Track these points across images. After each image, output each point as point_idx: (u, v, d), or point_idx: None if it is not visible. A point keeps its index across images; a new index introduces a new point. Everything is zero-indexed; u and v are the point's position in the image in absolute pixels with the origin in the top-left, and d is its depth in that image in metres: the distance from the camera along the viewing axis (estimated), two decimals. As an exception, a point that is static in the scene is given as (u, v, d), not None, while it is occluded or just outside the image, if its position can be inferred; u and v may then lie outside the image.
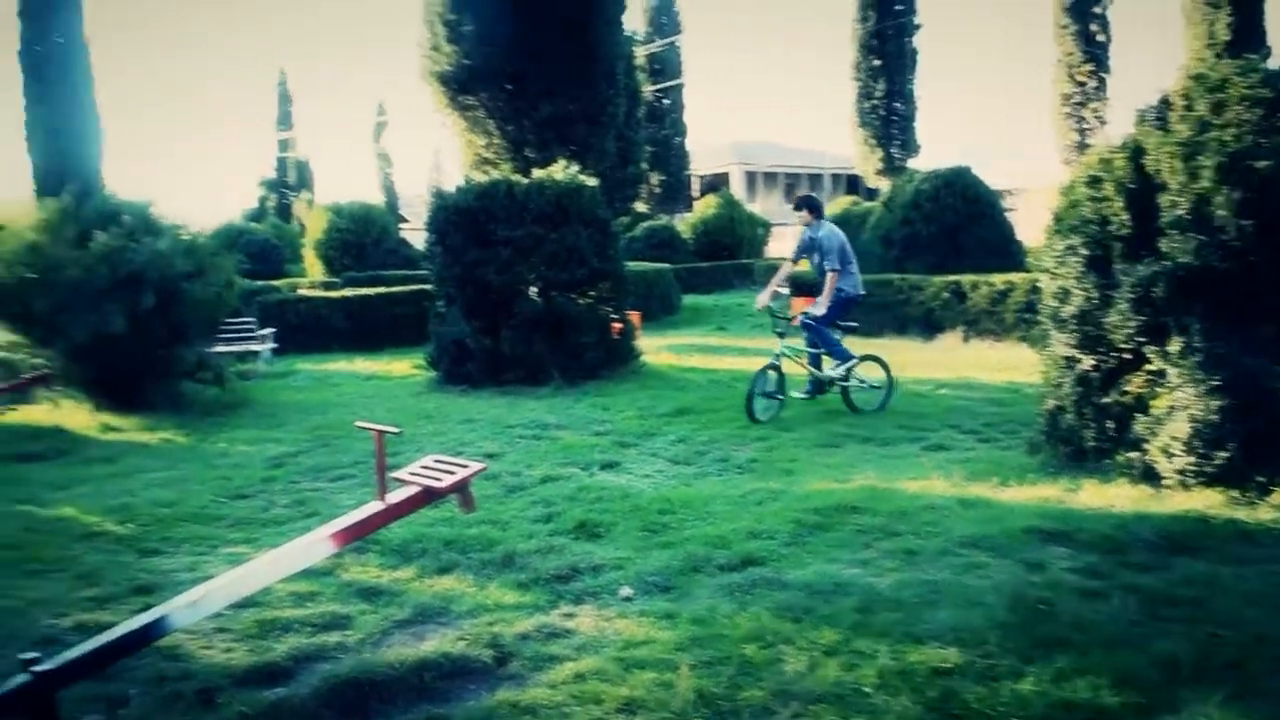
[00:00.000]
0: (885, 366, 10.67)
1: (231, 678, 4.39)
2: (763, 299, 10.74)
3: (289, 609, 5.19)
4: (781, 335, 10.41)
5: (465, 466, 4.88)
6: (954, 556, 5.42)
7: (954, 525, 5.94)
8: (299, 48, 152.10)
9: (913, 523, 6.05)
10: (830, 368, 10.53)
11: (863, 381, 10.54)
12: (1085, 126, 38.26)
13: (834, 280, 10.42)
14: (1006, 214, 20.14)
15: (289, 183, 58.36)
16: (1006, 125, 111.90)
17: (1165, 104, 6.92)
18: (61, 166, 26.73)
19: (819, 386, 10.62)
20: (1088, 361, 6.94)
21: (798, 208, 11.02)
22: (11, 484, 8.93)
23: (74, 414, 11.95)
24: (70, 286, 11.51)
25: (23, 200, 15.24)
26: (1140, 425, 6.59)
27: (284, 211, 53.65)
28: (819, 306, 10.43)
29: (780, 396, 10.22)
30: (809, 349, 10.55)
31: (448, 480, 4.68)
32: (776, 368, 10.20)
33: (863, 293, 10.97)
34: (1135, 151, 6.84)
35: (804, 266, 11.50)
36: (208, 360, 13.04)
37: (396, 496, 4.66)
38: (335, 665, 4.42)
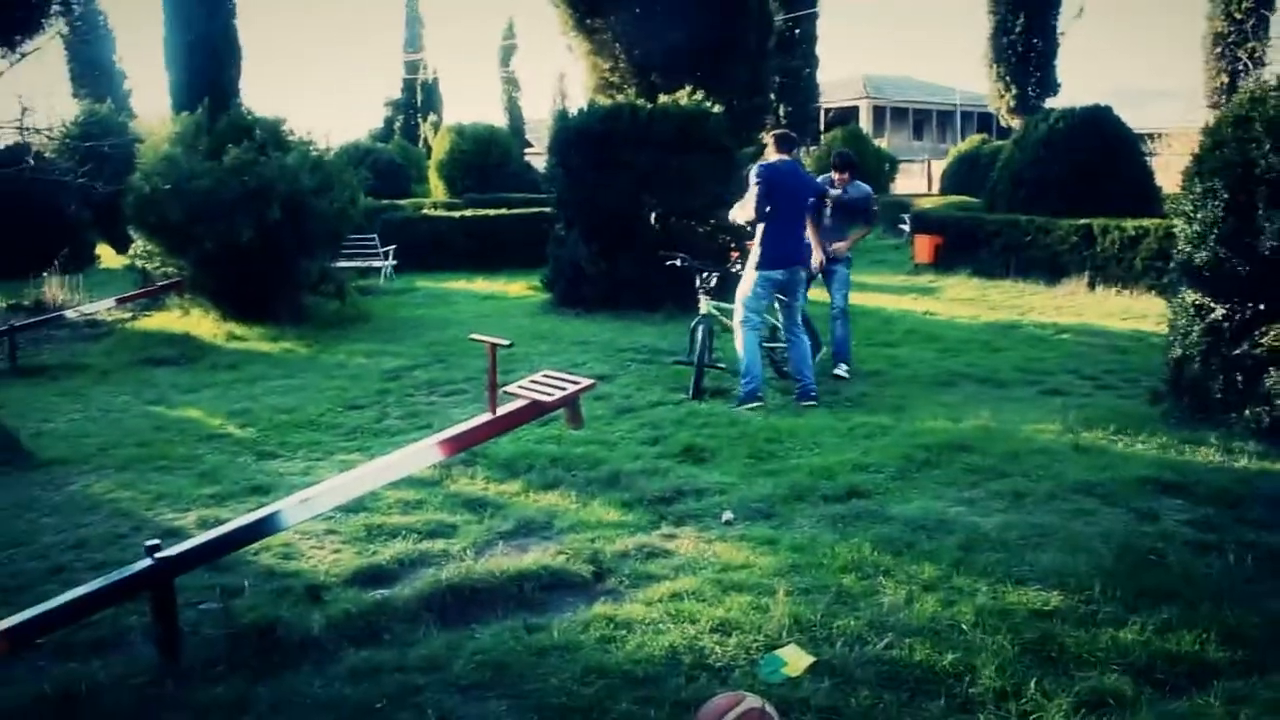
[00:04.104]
0: None
1: (339, 577, 4.55)
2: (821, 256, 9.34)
3: (397, 516, 5.35)
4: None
5: (575, 383, 4.92)
6: (1063, 501, 5.31)
7: (1066, 470, 5.81)
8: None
9: (1024, 465, 5.93)
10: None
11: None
12: (1239, 68, 36.38)
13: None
14: (1148, 158, 19.34)
15: (416, 104, 58.88)
16: (1156, 67, 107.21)
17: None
18: (199, 82, 27.34)
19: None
20: (1220, 311, 6.67)
21: (840, 168, 9.81)
22: (144, 386, 9.34)
23: (202, 322, 12.41)
24: (202, 197, 11.85)
25: (161, 115, 15.69)
26: (1272, 380, 6.33)
27: (411, 133, 54.24)
28: (843, 244, 9.55)
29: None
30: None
31: (556, 395, 4.72)
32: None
33: None
34: (1291, 91, 6.49)
35: None
36: (330, 274, 13.37)
37: (505, 409, 4.73)
38: (438, 571, 4.54)
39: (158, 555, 3.76)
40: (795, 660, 3.57)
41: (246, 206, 11.87)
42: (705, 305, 8.73)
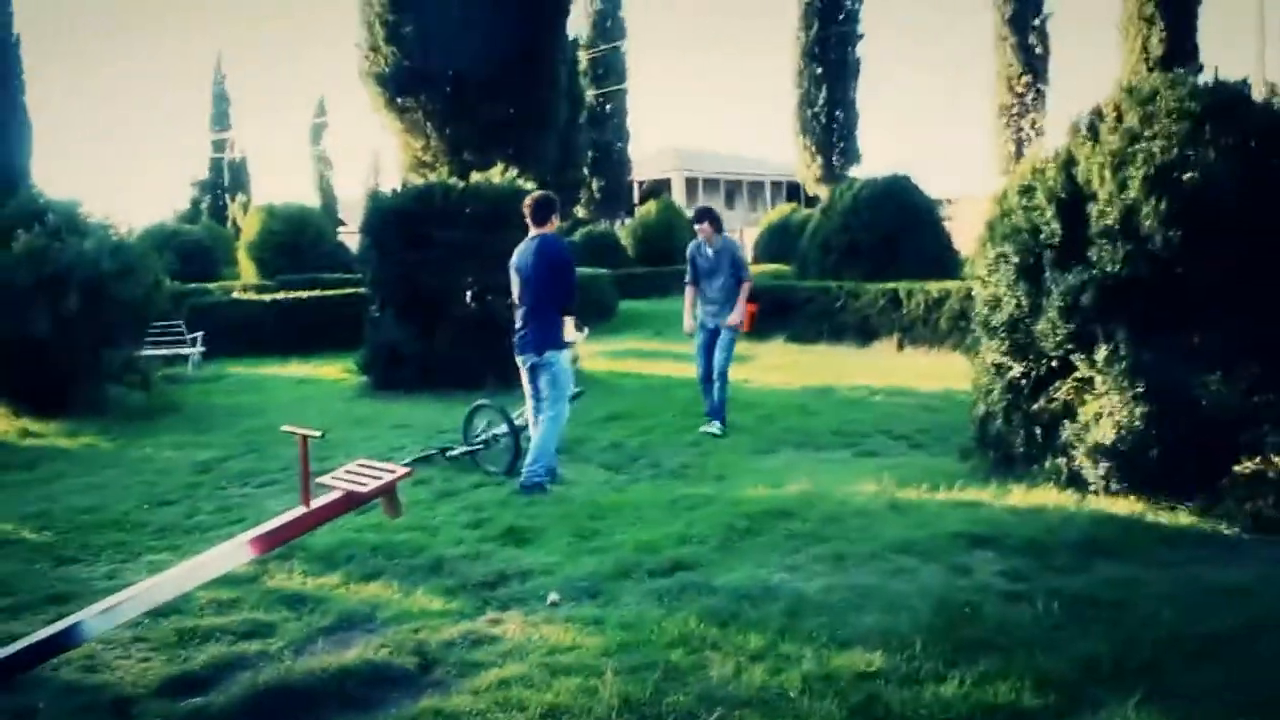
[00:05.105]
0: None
1: (148, 688, 4.29)
2: (690, 324, 10.30)
3: (210, 617, 5.09)
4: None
5: (391, 471, 4.82)
6: (882, 561, 5.44)
7: (884, 530, 5.97)
8: (237, 45, 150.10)
9: (843, 528, 6.06)
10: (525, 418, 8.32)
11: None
12: (1022, 137, 38.85)
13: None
14: (944, 223, 20.34)
15: (224, 184, 57.56)
16: (947, 136, 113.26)
17: (1097, 116, 7.01)
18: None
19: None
20: (1017, 369, 7.00)
21: (699, 220, 10.12)
22: (-75, 490, 8.70)
23: (-9, 418, 11.68)
24: (-10, 286, 11.23)
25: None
26: (1067, 432, 6.66)
27: (219, 213, 52.93)
28: (735, 316, 9.87)
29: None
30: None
31: (371, 485, 4.61)
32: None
33: None
34: (1067, 162, 6.92)
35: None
36: (134, 363, 12.81)
37: (319, 502, 4.59)
38: (256, 674, 4.33)
39: (-61, 681, 3.48)
40: (627, 742, 3.53)
41: (41, 295, 11.30)
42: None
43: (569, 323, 7.86)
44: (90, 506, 7.71)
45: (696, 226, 10.15)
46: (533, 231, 8.11)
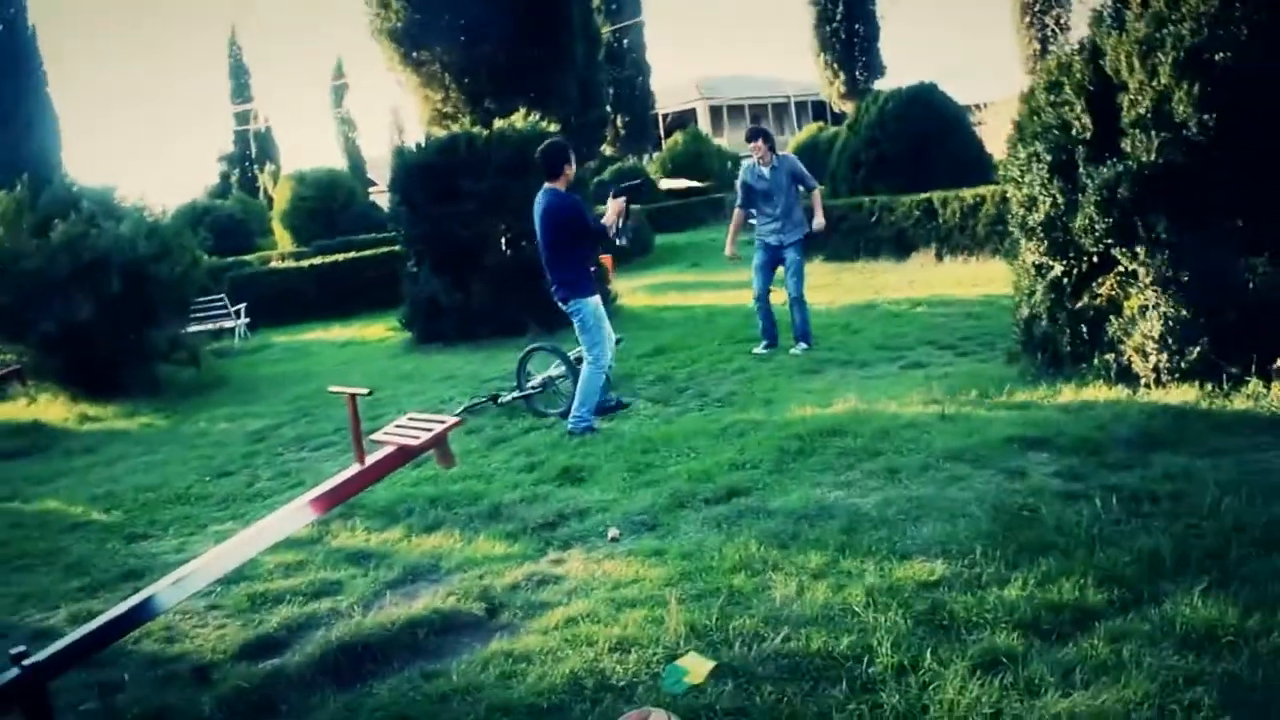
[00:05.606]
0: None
1: (226, 653, 4.39)
2: (732, 249, 10.51)
3: (279, 580, 5.20)
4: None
5: (441, 422, 4.86)
6: (936, 471, 5.44)
7: (935, 440, 5.96)
8: (250, 14, 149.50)
9: (894, 441, 6.06)
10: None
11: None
12: (1047, 35, 38.02)
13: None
14: (975, 129, 20.03)
15: (251, 155, 57.68)
16: (973, 43, 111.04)
17: (1122, 2, 6.83)
18: (13, 156, 26.24)
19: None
20: (1058, 268, 6.92)
21: (752, 139, 9.91)
22: (-6, 482, 8.90)
23: (51, 407, 11.92)
24: (33, 277, 11.39)
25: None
26: (1114, 327, 6.59)
27: (249, 185, 53.09)
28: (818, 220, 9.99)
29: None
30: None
31: (423, 437, 4.66)
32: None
33: None
34: (1093, 53, 6.77)
35: None
36: (181, 341, 13.01)
37: (373, 458, 4.65)
38: (328, 631, 4.42)
39: (26, 662, 3.56)
40: (696, 667, 3.57)
41: (82, 282, 11.46)
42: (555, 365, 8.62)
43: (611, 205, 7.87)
44: (153, 483, 7.88)
45: (750, 146, 10.01)
46: (545, 185, 7.88)
